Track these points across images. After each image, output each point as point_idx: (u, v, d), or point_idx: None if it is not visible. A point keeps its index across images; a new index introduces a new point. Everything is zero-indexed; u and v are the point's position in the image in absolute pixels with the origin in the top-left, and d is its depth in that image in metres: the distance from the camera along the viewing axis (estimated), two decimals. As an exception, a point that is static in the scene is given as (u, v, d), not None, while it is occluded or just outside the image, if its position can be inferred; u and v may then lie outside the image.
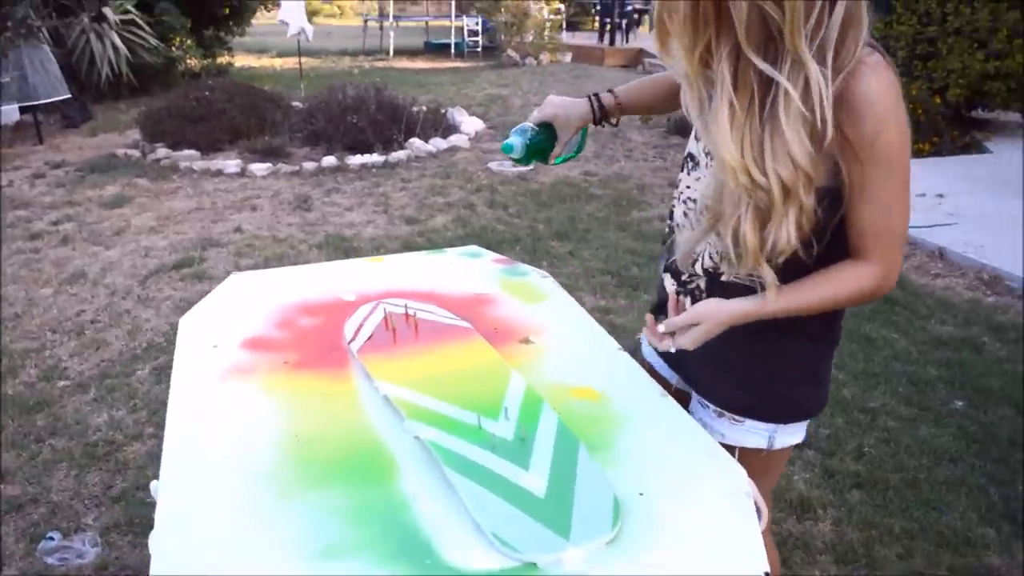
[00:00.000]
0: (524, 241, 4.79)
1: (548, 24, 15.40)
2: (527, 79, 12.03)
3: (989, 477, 2.54)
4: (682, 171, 1.39)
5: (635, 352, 1.62)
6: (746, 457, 1.35)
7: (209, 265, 4.37)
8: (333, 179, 6.23)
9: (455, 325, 1.62)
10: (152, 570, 1.03)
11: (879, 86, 1.06)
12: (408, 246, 4.69)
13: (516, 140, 1.59)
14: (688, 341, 1.24)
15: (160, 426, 2.77)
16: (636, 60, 14.50)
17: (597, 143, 7.49)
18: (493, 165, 6.67)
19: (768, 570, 1.06)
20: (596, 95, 1.60)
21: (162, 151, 6.86)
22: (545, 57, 14.66)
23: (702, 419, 1.44)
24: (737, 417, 1.40)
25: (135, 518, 2.35)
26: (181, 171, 6.46)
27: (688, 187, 1.36)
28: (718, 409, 1.42)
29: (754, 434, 1.40)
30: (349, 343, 1.56)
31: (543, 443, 1.21)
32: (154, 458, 2.63)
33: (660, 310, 1.51)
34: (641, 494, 1.16)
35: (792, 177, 1.06)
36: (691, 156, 1.35)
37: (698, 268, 1.34)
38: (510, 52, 14.60)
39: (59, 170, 6.49)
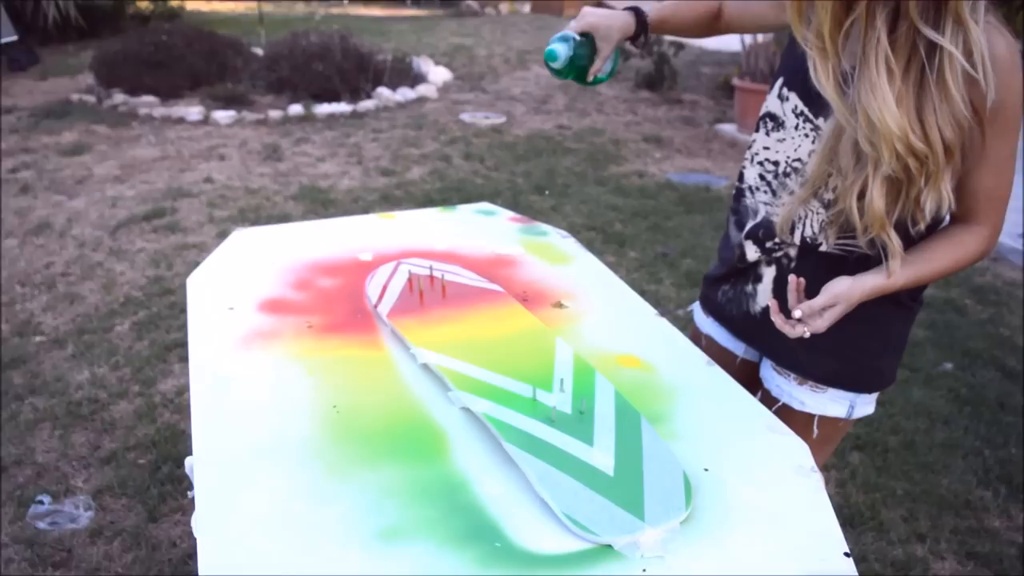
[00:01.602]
0: (504, 195, 4.69)
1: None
2: (488, 29, 11.77)
3: (983, 440, 2.57)
4: (757, 132, 1.32)
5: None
6: (822, 425, 1.33)
7: (182, 216, 4.19)
8: (301, 129, 6.03)
9: (486, 288, 1.54)
10: (201, 567, 0.94)
11: (1006, 47, 1.03)
12: (387, 199, 4.56)
13: (560, 48, 1.41)
14: (824, 324, 1.18)
15: (145, 383, 2.66)
16: (599, 11, 14.25)
17: (568, 96, 7.36)
18: (465, 116, 6.51)
19: (847, 550, 1.02)
20: (636, 7, 1.49)
21: (119, 97, 6.55)
22: (504, 7, 14.36)
23: (779, 385, 1.40)
24: (820, 385, 1.35)
25: (127, 480, 2.24)
26: (141, 118, 6.19)
27: (766, 148, 1.30)
28: (800, 378, 1.37)
29: (836, 402, 1.35)
30: (375, 306, 1.47)
31: (604, 417, 1.15)
32: (142, 416, 2.52)
33: (728, 279, 1.45)
34: (706, 470, 1.11)
35: (954, 140, 1.04)
36: (771, 116, 1.28)
37: (796, 237, 1.28)
38: (469, 1, 14.26)
39: (11, 115, 6.16)
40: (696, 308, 1.60)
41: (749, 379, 1.52)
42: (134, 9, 10.69)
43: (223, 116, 6.18)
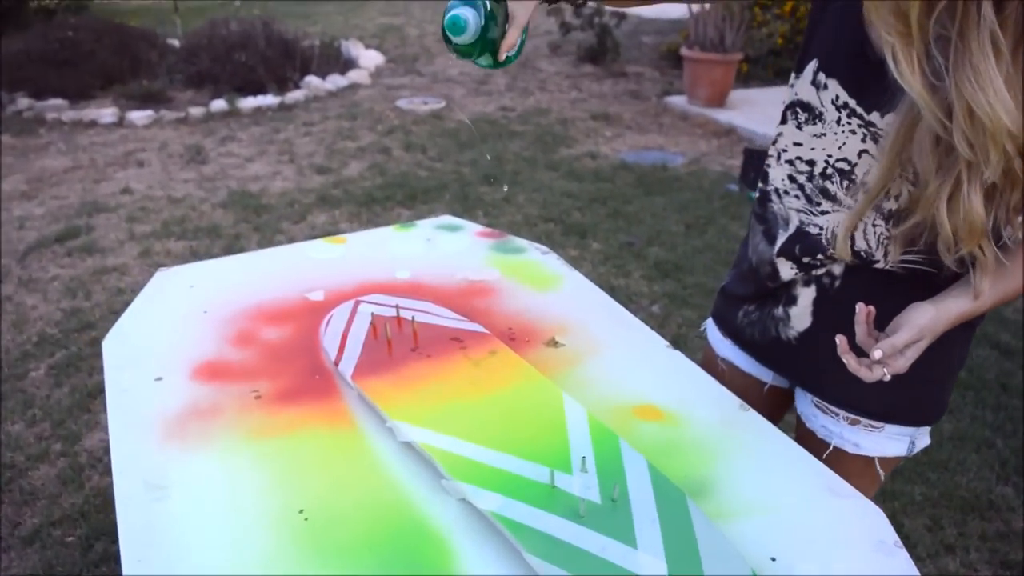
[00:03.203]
0: (452, 188, 4.45)
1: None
2: (418, 6, 11.39)
3: (992, 428, 2.45)
4: (783, 124, 1.12)
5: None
6: (882, 468, 1.19)
7: (99, 235, 3.85)
8: (226, 126, 5.67)
9: (465, 329, 1.31)
10: None
11: None
12: (325, 200, 4.28)
13: (467, 14, 1.02)
14: (906, 364, 0.99)
15: (68, 440, 2.37)
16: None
17: (508, 74, 7.11)
18: (402, 103, 6.22)
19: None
20: None
21: (24, 101, 6.08)
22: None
23: (825, 426, 1.22)
24: (876, 423, 1.18)
25: (55, 562, 1.96)
26: (49, 123, 5.75)
27: (797, 144, 1.10)
28: (851, 415, 1.19)
29: (895, 441, 1.19)
30: (335, 363, 1.23)
31: (642, 504, 0.94)
32: (67, 482, 2.22)
33: (751, 299, 1.26)
34: (773, 559, 0.91)
35: None
36: (803, 106, 1.08)
37: (838, 251, 1.09)
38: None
39: (-101, 129, 5.68)
40: (710, 326, 1.40)
41: (779, 406, 1.36)
42: (37, 3, 10.05)
43: (139, 117, 5.79)
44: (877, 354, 0.96)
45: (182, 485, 1.01)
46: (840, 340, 1.01)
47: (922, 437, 1.21)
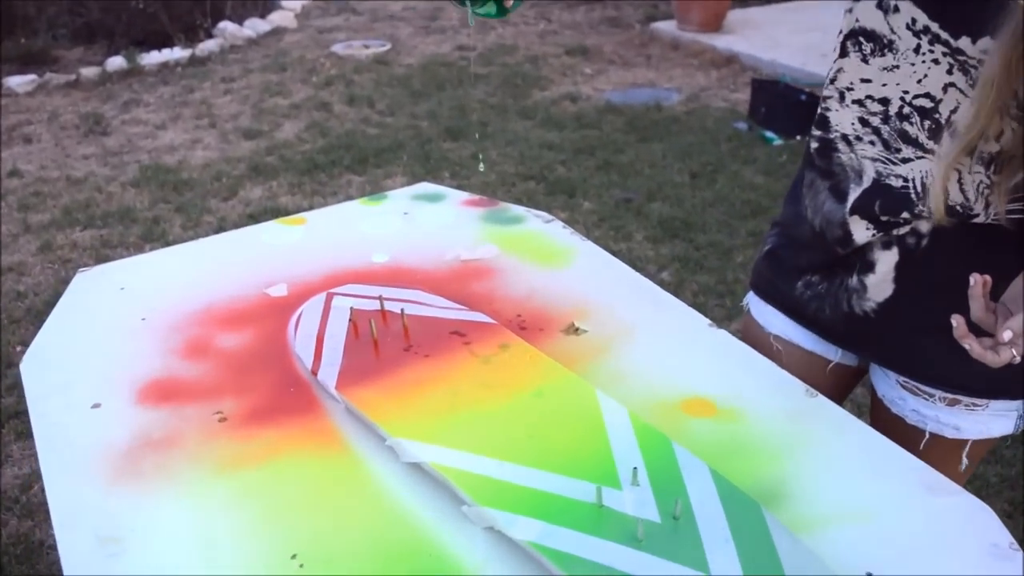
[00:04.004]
0: (409, 146, 4.41)
1: None
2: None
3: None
4: (843, 57, 1.11)
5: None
6: (973, 451, 1.21)
7: (-15, 229, 3.77)
8: (127, 88, 5.56)
9: (468, 320, 1.28)
10: None
11: None
12: (258, 170, 4.22)
13: None
14: None
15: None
16: None
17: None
18: (338, 48, 6.14)
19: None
20: None
21: None
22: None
23: (917, 410, 1.23)
24: (979, 400, 1.18)
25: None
26: (-91, 97, 5.61)
27: (865, 81, 1.09)
28: (950, 395, 1.19)
29: (1001, 418, 1.20)
30: (313, 372, 1.20)
31: (710, 519, 0.92)
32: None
33: (814, 269, 1.25)
34: (870, 575, 0.90)
35: None
36: (868, 35, 1.06)
37: (933, 209, 1.07)
38: None
39: None
40: (753, 300, 1.39)
41: (845, 387, 1.37)
42: None
43: (20, 83, 5.65)
44: (1007, 335, 0.94)
45: (142, 535, 0.97)
46: (958, 322, 0.98)
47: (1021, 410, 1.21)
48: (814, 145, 1.20)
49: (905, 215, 1.10)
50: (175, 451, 1.09)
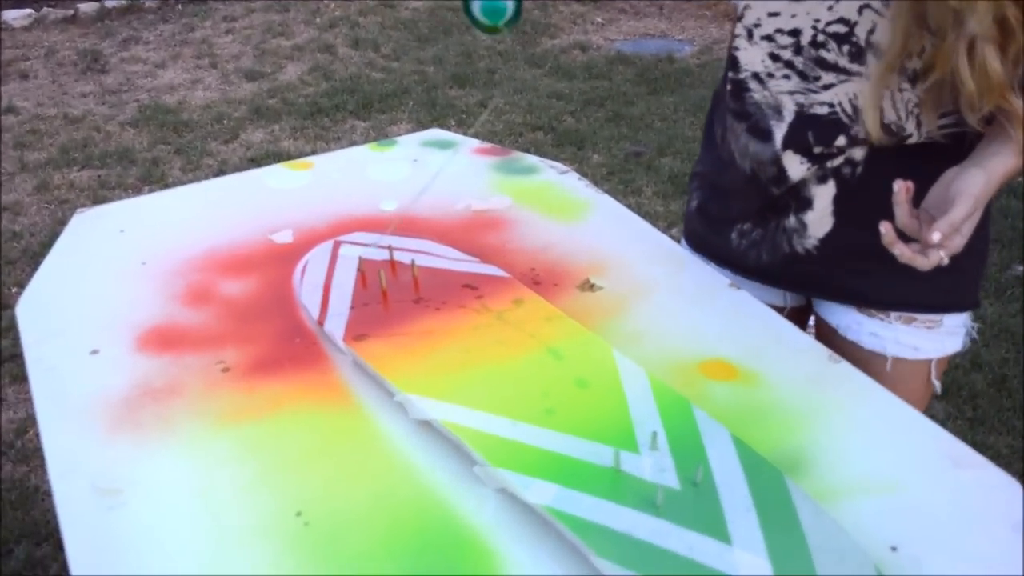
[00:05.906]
0: (414, 92, 4.37)
1: None
2: None
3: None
4: None
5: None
6: (938, 368, 1.25)
7: (-19, 167, 3.74)
8: (127, 25, 5.50)
9: (481, 273, 1.25)
10: None
11: None
12: (260, 112, 4.18)
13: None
14: (963, 241, 1.00)
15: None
16: None
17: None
18: (343, -12, 6.04)
19: None
20: None
21: None
22: None
23: (875, 333, 1.24)
24: (935, 316, 1.21)
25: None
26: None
27: (773, 15, 1.12)
28: (905, 313, 1.21)
29: (953, 335, 1.23)
30: (319, 322, 1.17)
31: (731, 487, 0.89)
32: None
33: (747, 216, 1.26)
34: (894, 549, 0.88)
35: None
36: None
37: (868, 129, 1.11)
38: None
39: None
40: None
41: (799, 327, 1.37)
42: None
43: (15, 17, 5.59)
44: (936, 236, 0.97)
45: (141, 488, 0.95)
46: (886, 228, 1.00)
47: (969, 324, 1.26)
48: (728, 87, 1.21)
49: (841, 141, 1.12)
50: (176, 401, 1.07)
